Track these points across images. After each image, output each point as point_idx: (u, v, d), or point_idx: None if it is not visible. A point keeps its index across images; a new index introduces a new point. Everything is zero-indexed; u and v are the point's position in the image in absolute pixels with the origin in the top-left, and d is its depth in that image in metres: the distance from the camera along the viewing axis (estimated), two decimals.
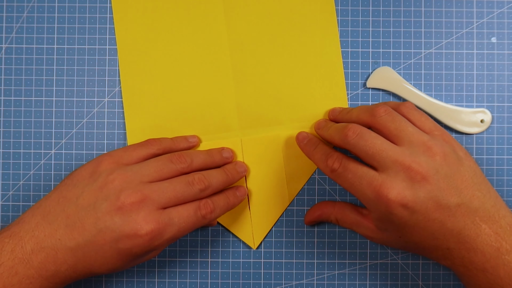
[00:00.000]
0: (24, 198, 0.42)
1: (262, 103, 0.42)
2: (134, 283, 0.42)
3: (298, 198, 0.42)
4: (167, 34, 0.42)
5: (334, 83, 0.42)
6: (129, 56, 0.42)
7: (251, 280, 0.42)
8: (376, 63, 0.42)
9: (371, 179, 0.33)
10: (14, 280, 0.33)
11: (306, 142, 0.40)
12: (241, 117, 0.42)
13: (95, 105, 0.42)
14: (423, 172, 0.32)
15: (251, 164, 0.41)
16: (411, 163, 0.32)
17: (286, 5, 0.42)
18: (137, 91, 0.42)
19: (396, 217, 0.33)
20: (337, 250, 0.42)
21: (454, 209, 0.32)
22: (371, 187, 0.33)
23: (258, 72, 0.42)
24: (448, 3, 0.42)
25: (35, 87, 0.42)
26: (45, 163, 0.42)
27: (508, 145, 0.42)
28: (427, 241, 0.34)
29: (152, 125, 0.42)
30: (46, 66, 0.42)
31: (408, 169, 0.32)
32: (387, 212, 0.33)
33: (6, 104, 0.42)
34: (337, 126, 0.37)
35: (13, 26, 0.42)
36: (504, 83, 0.42)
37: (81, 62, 0.42)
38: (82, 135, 0.42)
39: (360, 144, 0.34)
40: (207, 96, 0.42)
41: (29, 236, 0.33)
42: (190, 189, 0.35)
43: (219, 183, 0.37)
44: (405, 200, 0.32)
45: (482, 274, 0.33)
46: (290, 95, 0.42)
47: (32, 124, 0.42)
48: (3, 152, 0.42)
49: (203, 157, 0.38)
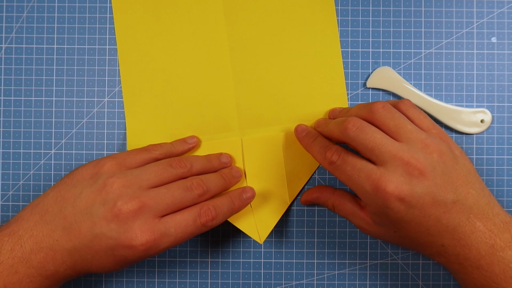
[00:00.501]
0: (24, 198, 0.42)
1: (262, 103, 0.42)
2: (134, 283, 0.42)
3: (298, 198, 0.42)
4: (167, 34, 0.42)
5: (334, 83, 0.42)
6: (129, 56, 0.42)
7: (251, 280, 0.42)
8: (376, 63, 0.42)
9: (369, 172, 0.33)
10: (14, 278, 0.33)
11: (305, 134, 0.40)
12: (241, 117, 0.42)
13: (95, 105, 0.42)
14: (421, 168, 0.33)
15: (252, 164, 0.41)
16: (409, 159, 0.33)
17: (286, 5, 0.42)
18: (137, 91, 0.42)
19: (393, 211, 0.33)
20: (337, 250, 0.42)
21: (449, 206, 0.33)
22: (369, 180, 0.33)
23: (258, 72, 0.42)
24: (448, 3, 0.42)
25: (35, 87, 0.42)
26: (45, 163, 0.42)
27: (508, 145, 0.42)
28: (422, 237, 0.34)
29: (152, 125, 0.42)
30: (46, 66, 0.42)
31: (407, 164, 0.33)
32: (384, 206, 0.33)
33: (6, 104, 0.42)
34: (337, 120, 0.37)
35: (13, 26, 0.42)
36: (504, 83, 0.42)
37: (81, 62, 0.42)
38: (82, 135, 0.42)
39: (360, 137, 0.34)
40: (207, 96, 0.42)
41: (28, 235, 0.33)
42: (188, 194, 0.35)
43: (217, 187, 0.37)
44: (402, 194, 0.32)
45: (477, 271, 0.33)
46: (290, 95, 0.42)
47: (32, 124, 0.42)
48: (3, 152, 0.42)
49: (202, 162, 0.39)
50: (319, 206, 0.42)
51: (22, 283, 0.33)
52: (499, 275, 0.32)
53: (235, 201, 0.38)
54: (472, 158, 0.42)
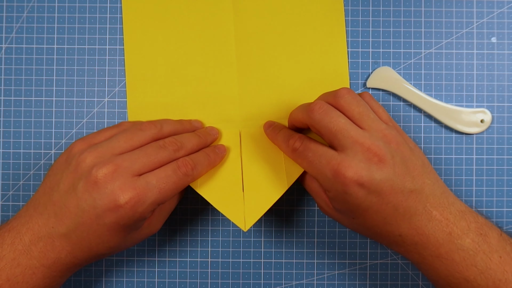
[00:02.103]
0: (24, 198, 0.42)
1: (264, 96, 0.42)
2: (134, 283, 0.42)
3: (298, 198, 0.42)
4: (174, 22, 0.42)
5: (339, 81, 0.42)
6: (134, 42, 0.42)
7: (251, 280, 0.42)
8: (376, 63, 0.42)
9: (330, 158, 0.34)
10: (17, 271, 0.33)
11: (272, 128, 0.40)
12: (242, 109, 0.42)
13: (95, 105, 0.42)
14: (381, 155, 0.33)
15: (249, 156, 0.41)
16: (370, 145, 0.33)
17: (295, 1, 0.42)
18: (140, 77, 0.42)
19: (351, 197, 0.33)
20: (337, 250, 0.42)
21: (407, 194, 0.33)
22: (330, 165, 0.33)
23: (263, 65, 0.42)
24: (448, 3, 0.42)
25: (35, 87, 0.42)
26: (45, 163, 0.42)
27: (508, 145, 0.42)
28: (379, 226, 0.34)
29: (153, 111, 0.42)
30: (46, 66, 0.42)
31: (368, 150, 0.33)
32: (343, 192, 0.33)
33: (6, 104, 0.42)
34: (303, 104, 0.37)
35: (13, 26, 0.42)
36: (504, 83, 0.42)
37: (81, 62, 0.42)
38: (82, 135, 0.42)
39: (324, 120, 0.34)
40: (210, 86, 0.42)
41: (26, 229, 0.34)
42: (162, 151, 0.35)
43: (192, 144, 0.38)
44: (361, 179, 0.32)
45: (438, 260, 0.33)
46: (293, 90, 0.42)
47: (32, 124, 0.42)
48: (3, 152, 0.42)
49: (173, 123, 0.39)
50: None
51: (25, 275, 0.33)
52: (460, 263, 0.32)
53: (210, 153, 0.38)
54: (472, 158, 0.42)
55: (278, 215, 0.42)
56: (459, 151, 0.42)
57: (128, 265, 0.42)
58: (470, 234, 0.33)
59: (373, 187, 0.33)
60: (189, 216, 0.42)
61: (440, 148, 0.42)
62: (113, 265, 0.42)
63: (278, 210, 0.42)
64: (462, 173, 0.42)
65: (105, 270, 0.42)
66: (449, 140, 0.42)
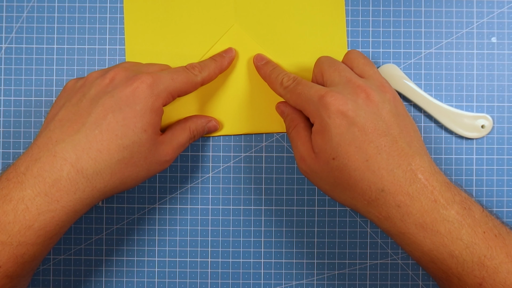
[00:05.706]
0: None
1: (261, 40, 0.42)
2: (134, 283, 0.42)
3: (298, 198, 0.42)
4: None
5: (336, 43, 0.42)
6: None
7: (251, 280, 0.42)
8: (376, 63, 0.42)
9: (319, 88, 0.35)
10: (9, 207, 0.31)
11: (265, 62, 0.41)
12: None
13: None
14: (370, 94, 0.33)
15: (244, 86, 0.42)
16: (362, 85, 0.34)
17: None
18: (138, 16, 0.42)
19: (334, 125, 0.33)
20: (337, 250, 0.42)
21: (391, 141, 0.32)
22: (317, 93, 0.34)
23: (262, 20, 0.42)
24: (448, 3, 0.42)
25: (35, 87, 0.42)
26: None
27: (508, 145, 0.42)
28: (360, 171, 0.32)
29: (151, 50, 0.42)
30: (46, 66, 0.42)
31: (358, 87, 0.34)
32: (326, 117, 0.33)
33: (6, 104, 0.42)
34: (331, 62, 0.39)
35: (13, 26, 0.42)
36: (504, 83, 0.42)
37: (81, 62, 0.42)
38: None
39: (329, 60, 0.37)
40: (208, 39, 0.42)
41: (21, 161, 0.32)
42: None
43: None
44: (345, 107, 0.33)
45: (423, 231, 0.31)
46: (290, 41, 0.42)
47: (32, 124, 0.42)
48: (3, 152, 0.42)
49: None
50: (319, 206, 0.42)
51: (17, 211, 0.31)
52: (445, 235, 0.31)
53: (217, 58, 0.40)
54: (472, 158, 0.42)
55: (278, 215, 0.42)
56: (459, 151, 0.42)
57: (128, 265, 0.42)
58: (455, 206, 0.31)
59: (356, 118, 0.32)
60: (189, 216, 0.42)
61: (440, 148, 0.42)
62: (113, 265, 0.42)
63: (278, 210, 0.42)
64: (462, 173, 0.42)
65: (105, 270, 0.42)
66: (449, 140, 0.42)
